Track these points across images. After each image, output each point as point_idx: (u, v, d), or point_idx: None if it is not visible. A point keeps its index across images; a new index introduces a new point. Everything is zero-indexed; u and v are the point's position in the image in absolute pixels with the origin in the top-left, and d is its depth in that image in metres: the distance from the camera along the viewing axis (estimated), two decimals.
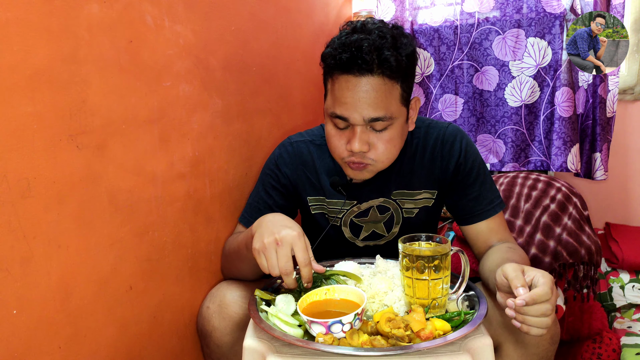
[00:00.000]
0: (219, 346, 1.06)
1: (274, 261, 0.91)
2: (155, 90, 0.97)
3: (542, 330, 0.82)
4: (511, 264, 0.87)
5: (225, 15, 1.21)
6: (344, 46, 0.98)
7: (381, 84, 0.98)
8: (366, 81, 0.97)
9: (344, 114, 1.00)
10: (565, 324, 1.59)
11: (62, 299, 0.78)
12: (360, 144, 1.01)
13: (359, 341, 0.83)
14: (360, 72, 0.97)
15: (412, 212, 1.21)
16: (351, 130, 1.03)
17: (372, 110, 0.98)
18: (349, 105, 0.99)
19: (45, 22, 0.73)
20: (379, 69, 0.97)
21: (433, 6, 1.98)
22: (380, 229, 1.23)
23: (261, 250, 0.92)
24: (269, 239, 0.92)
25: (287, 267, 0.90)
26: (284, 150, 1.22)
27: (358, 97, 0.98)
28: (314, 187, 1.21)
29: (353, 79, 0.98)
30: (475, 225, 1.17)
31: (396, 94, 1.01)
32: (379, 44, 0.96)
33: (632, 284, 1.74)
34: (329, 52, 1.01)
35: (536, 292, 0.80)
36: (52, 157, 0.75)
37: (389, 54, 0.96)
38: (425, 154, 1.17)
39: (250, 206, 1.23)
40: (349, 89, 0.99)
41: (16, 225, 0.70)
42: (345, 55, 0.96)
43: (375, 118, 0.99)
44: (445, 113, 2.04)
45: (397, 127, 1.04)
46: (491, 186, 1.18)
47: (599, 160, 1.86)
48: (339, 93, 1.00)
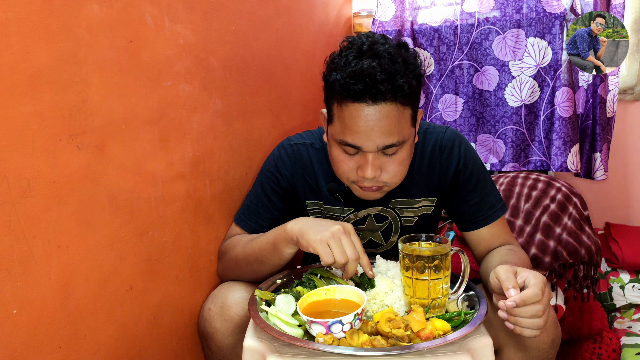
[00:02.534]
0: (220, 348, 1.06)
1: (341, 248, 0.93)
2: (155, 90, 0.97)
3: (535, 331, 0.81)
4: (503, 266, 0.87)
5: (225, 15, 1.21)
6: (355, 75, 0.92)
7: (394, 111, 0.94)
8: (379, 109, 0.93)
9: (356, 143, 0.97)
10: (565, 324, 1.59)
11: (62, 299, 0.78)
12: (374, 171, 0.99)
13: (359, 341, 0.83)
14: (373, 101, 0.93)
15: (412, 220, 1.20)
16: (362, 155, 0.99)
17: (385, 138, 0.96)
18: (362, 135, 0.96)
19: (45, 22, 0.73)
20: (393, 97, 0.93)
21: (433, 6, 1.98)
22: (378, 237, 1.22)
23: (326, 240, 0.93)
24: (333, 228, 0.94)
25: (354, 253, 0.93)
26: (283, 152, 1.19)
27: (371, 125, 0.94)
28: (312, 191, 1.19)
29: (365, 108, 0.93)
30: (477, 231, 1.15)
31: (407, 117, 0.98)
32: (391, 70, 0.91)
33: (632, 284, 1.74)
34: (336, 79, 0.95)
35: (526, 293, 0.80)
36: (52, 157, 0.75)
37: (403, 82, 0.92)
38: (424, 161, 1.15)
39: (247, 208, 1.20)
40: (360, 118, 0.94)
41: (16, 225, 0.70)
42: (359, 86, 0.91)
43: (389, 145, 0.97)
44: (445, 113, 2.04)
45: (408, 148, 1.02)
46: (492, 190, 1.16)
47: (599, 160, 1.86)
48: (350, 122, 0.96)
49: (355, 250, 0.94)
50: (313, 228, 0.96)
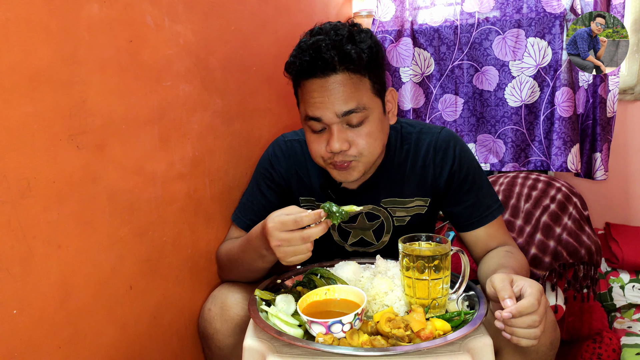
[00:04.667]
0: (220, 348, 1.06)
1: (291, 249, 0.91)
2: (155, 90, 0.97)
3: (532, 341, 0.81)
4: (499, 275, 0.87)
5: (225, 15, 1.21)
6: (302, 51, 0.99)
7: (347, 79, 0.98)
8: (332, 80, 0.98)
9: (315, 114, 1.00)
10: (565, 324, 1.59)
11: (62, 299, 0.78)
12: (340, 143, 1.00)
13: (359, 341, 0.83)
14: (323, 73, 0.98)
15: (404, 220, 1.19)
16: (328, 131, 1.02)
17: (342, 103, 0.98)
18: (319, 104, 0.99)
19: (45, 22, 0.73)
20: (342, 65, 0.97)
21: (433, 6, 1.98)
22: (369, 236, 1.22)
23: (282, 255, 0.92)
24: (272, 243, 0.92)
25: (300, 239, 0.90)
26: (277, 149, 1.21)
27: (326, 95, 0.98)
28: (305, 187, 1.20)
29: (318, 81, 0.99)
30: (474, 231, 1.15)
31: (366, 86, 1.01)
32: (336, 41, 0.97)
33: (632, 284, 1.74)
34: (290, 61, 1.03)
35: (522, 304, 0.80)
36: (52, 157, 0.75)
37: (349, 48, 0.96)
38: (417, 162, 1.15)
39: (243, 205, 1.21)
40: (316, 90, 0.99)
41: (16, 225, 0.70)
42: (305, 59, 0.98)
43: (348, 111, 0.99)
44: (445, 113, 2.04)
45: (375, 120, 1.03)
46: (488, 191, 1.16)
47: (599, 160, 1.86)
48: (308, 96, 1.01)
49: (298, 238, 0.90)
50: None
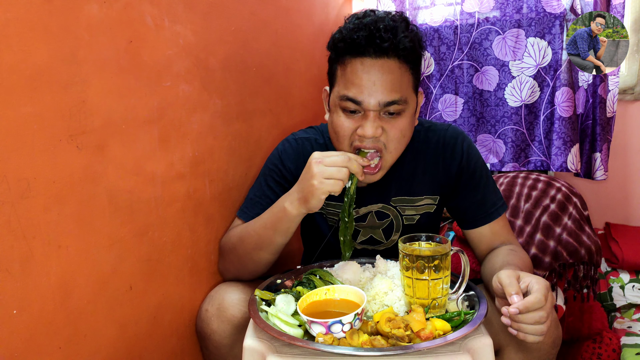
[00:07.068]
0: (218, 349, 1.06)
1: (332, 171, 0.93)
2: (155, 90, 0.97)
3: (538, 337, 0.81)
4: (506, 270, 0.87)
5: (225, 15, 1.21)
6: (359, 27, 0.95)
7: (396, 67, 0.96)
8: (382, 63, 0.95)
9: (357, 97, 0.97)
10: (565, 324, 1.59)
11: (62, 299, 0.78)
12: (374, 129, 0.97)
13: (359, 341, 0.83)
14: (376, 55, 0.95)
15: (413, 218, 1.20)
16: (363, 116, 0.99)
17: (387, 93, 0.96)
18: (364, 89, 0.96)
19: (45, 22, 0.73)
20: (394, 51, 0.95)
21: (433, 6, 1.98)
22: (379, 235, 1.22)
23: (320, 179, 0.93)
24: (314, 170, 0.94)
25: (343, 161, 0.94)
26: (288, 146, 1.20)
27: (373, 80, 0.95)
28: None
29: (369, 61, 0.96)
30: (479, 228, 1.15)
31: (409, 79, 0.99)
32: (393, 26, 0.95)
33: (632, 284, 1.74)
34: (340, 36, 0.98)
35: (529, 300, 0.80)
36: (52, 157, 0.75)
37: (404, 36, 0.95)
38: (427, 159, 1.15)
39: (250, 200, 1.19)
40: (364, 72, 0.96)
41: (16, 225, 0.70)
42: (363, 33, 0.94)
43: (391, 102, 0.97)
44: (445, 113, 2.04)
45: (408, 116, 1.02)
46: (493, 188, 1.16)
47: (599, 160, 1.86)
48: (352, 76, 0.97)
49: (340, 160, 0.94)
50: (304, 182, 0.97)
